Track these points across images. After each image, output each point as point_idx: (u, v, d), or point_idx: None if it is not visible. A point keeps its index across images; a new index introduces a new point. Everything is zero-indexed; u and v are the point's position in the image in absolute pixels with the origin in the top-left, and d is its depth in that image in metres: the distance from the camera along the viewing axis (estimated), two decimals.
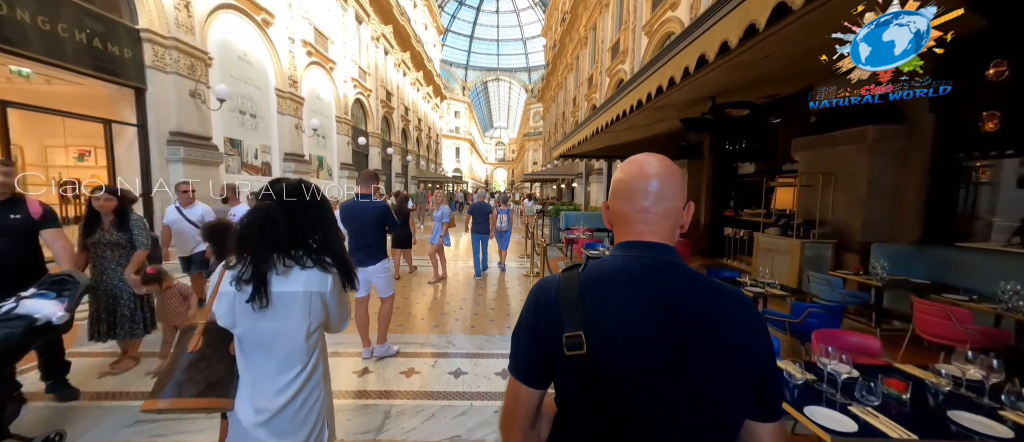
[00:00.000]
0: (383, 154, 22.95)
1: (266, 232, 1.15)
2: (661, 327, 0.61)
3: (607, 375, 0.60)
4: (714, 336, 0.61)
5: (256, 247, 1.15)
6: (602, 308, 0.64)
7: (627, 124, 5.64)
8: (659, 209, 0.70)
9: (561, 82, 29.69)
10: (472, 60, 63.18)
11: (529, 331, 0.70)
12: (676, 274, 0.66)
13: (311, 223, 1.23)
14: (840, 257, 4.81)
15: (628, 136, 8.36)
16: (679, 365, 0.60)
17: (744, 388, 0.62)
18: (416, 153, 30.99)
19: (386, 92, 23.17)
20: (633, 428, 0.60)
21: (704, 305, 0.63)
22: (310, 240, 1.24)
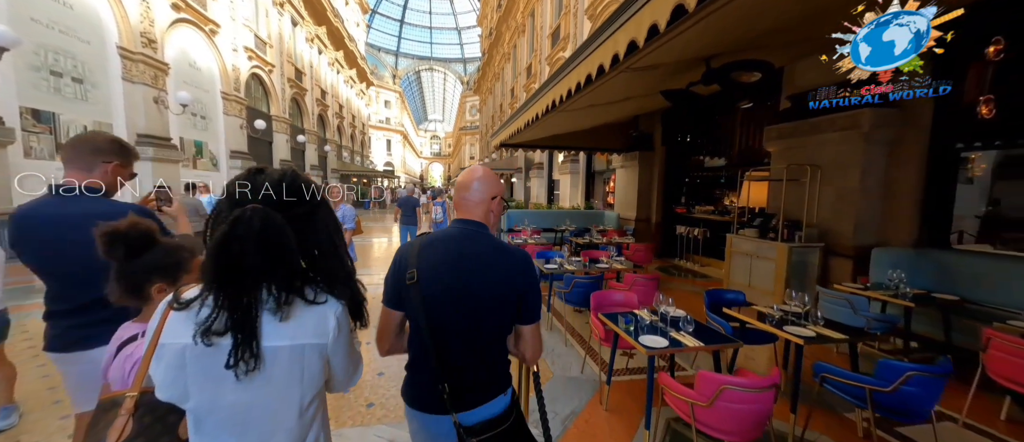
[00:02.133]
0: (293, 142, 19.59)
1: (267, 247, 0.70)
2: (455, 267, 1.06)
3: (427, 295, 1.03)
4: (488, 272, 1.07)
5: (253, 268, 0.70)
6: (427, 257, 1.07)
7: (586, 102, 4.46)
8: (475, 199, 1.15)
9: (498, 73, 28.40)
10: (403, 47, 59.12)
11: (392, 274, 1.11)
12: (476, 237, 1.11)
13: (322, 231, 0.81)
14: (827, 264, 4.13)
15: (578, 123, 7.28)
16: (466, 288, 1.04)
17: (508, 303, 1.08)
18: (337, 143, 27.47)
19: (295, 70, 19.78)
20: (446, 328, 1.04)
21: (485, 255, 1.08)
22: (322, 254, 0.81)
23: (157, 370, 0.73)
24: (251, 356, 0.70)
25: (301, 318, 0.76)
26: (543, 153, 17.31)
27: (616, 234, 6.95)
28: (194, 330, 0.69)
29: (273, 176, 0.78)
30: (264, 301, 0.74)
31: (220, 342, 0.70)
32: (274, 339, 0.74)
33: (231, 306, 0.69)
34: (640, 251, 5.55)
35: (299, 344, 0.76)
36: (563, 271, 3.85)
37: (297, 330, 0.76)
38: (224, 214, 0.72)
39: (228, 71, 13.74)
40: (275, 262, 0.72)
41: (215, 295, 0.70)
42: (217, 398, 0.72)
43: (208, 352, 0.70)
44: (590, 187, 12.98)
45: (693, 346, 2.00)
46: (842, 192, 4.07)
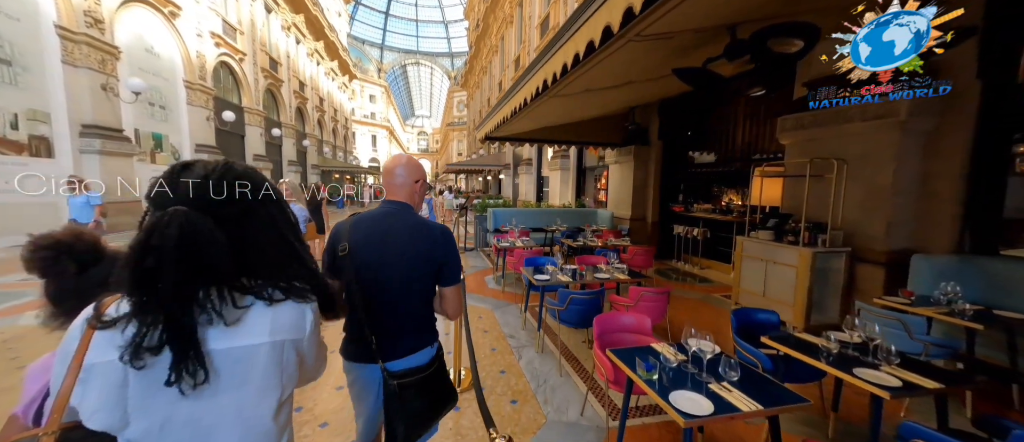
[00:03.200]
0: (268, 136, 18.53)
1: (188, 258, 0.62)
2: (383, 241, 1.24)
3: (358, 265, 1.20)
4: (411, 245, 1.25)
5: (172, 284, 0.61)
6: (358, 233, 1.24)
7: (582, 85, 3.86)
8: (399, 182, 1.32)
9: (485, 66, 27.63)
10: (388, 40, 57.58)
11: (328, 249, 1.28)
12: (401, 215, 1.29)
13: (267, 231, 0.73)
14: (853, 272, 3.65)
15: (569, 114, 6.69)
16: (393, 260, 1.23)
17: (429, 270, 1.27)
18: (317, 138, 26.34)
19: (270, 59, 18.69)
20: (375, 293, 1.20)
21: (409, 231, 1.26)
22: (271, 257, 0.73)
23: (87, 395, 0.61)
24: (195, 367, 0.61)
25: (281, 312, 0.71)
26: (532, 149, 16.72)
27: (612, 235, 6.41)
28: (121, 351, 0.59)
29: (197, 173, 0.68)
30: (212, 305, 0.65)
31: (156, 360, 0.60)
32: (249, 336, 0.67)
33: (167, 319, 0.60)
34: (639, 255, 5.01)
35: (277, 341, 0.70)
36: (556, 282, 3.26)
37: (277, 323, 0.70)
38: (144, 219, 0.65)
39: (192, 58, 12.71)
40: (197, 271, 0.63)
41: (140, 310, 0.60)
42: (175, 415, 0.62)
43: (151, 369, 0.60)
44: (581, 184, 12.45)
45: (750, 411, 1.40)
46: (872, 189, 3.58)
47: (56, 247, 0.85)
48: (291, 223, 0.77)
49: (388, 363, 1.20)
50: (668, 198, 7.83)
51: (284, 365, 0.71)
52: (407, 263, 1.23)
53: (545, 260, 4.12)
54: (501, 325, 3.90)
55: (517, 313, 4.26)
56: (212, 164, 0.71)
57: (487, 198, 15.22)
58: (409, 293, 1.25)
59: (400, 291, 1.23)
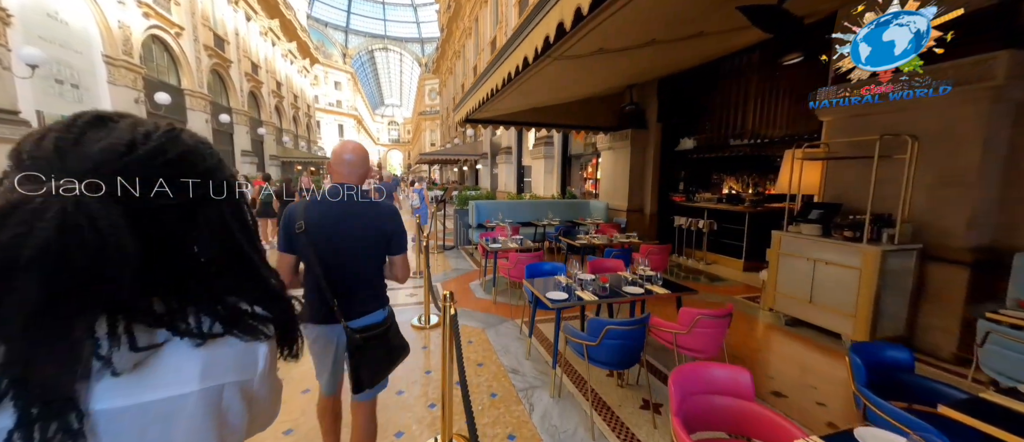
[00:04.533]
0: (215, 123, 16.55)
1: (63, 273, 0.35)
2: (338, 219, 1.41)
3: (315, 241, 1.36)
4: (362, 222, 1.44)
5: (29, 313, 0.34)
6: (313, 212, 1.40)
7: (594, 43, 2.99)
8: (351, 168, 1.48)
9: (458, 50, 26.21)
10: (353, 23, 54.30)
11: (284, 227, 1.41)
12: (354, 197, 1.46)
13: (215, 236, 0.48)
14: (923, 274, 3.03)
15: (561, 91, 5.84)
16: (346, 234, 1.42)
17: (379, 242, 1.48)
18: (276, 126, 24.16)
19: (215, 36, 16.60)
20: (332, 264, 1.38)
21: (360, 209, 1.45)
22: (213, 272, 0.49)
23: None
24: (68, 436, 0.35)
25: (217, 353, 0.45)
26: (512, 137, 15.79)
27: (617, 230, 5.65)
28: None
29: (119, 135, 0.41)
30: (100, 341, 0.39)
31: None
32: (167, 388, 0.42)
33: (17, 376, 0.35)
34: (654, 254, 4.26)
35: (209, 387, 0.44)
36: (576, 303, 2.41)
37: (210, 366, 0.44)
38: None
39: (112, 29, 10.79)
40: (81, 292, 0.36)
41: None
42: None
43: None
44: (566, 174, 11.68)
45: None
46: (949, 173, 2.95)
47: None
48: (248, 226, 0.53)
49: (350, 322, 1.42)
50: (668, 187, 7.16)
51: (224, 418, 0.46)
52: (361, 237, 1.45)
53: (551, 268, 3.26)
54: (498, 352, 3.02)
55: (515, 333, 3.40)
56: (146, 126, 0.44)
57: (466, 189, 14.18)
58: (365, 262, 1.49)
59: (357, 261, 1.46)
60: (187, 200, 0.45)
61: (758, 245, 5.63)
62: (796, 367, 2.90)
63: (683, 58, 5.11)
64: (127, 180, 0.40)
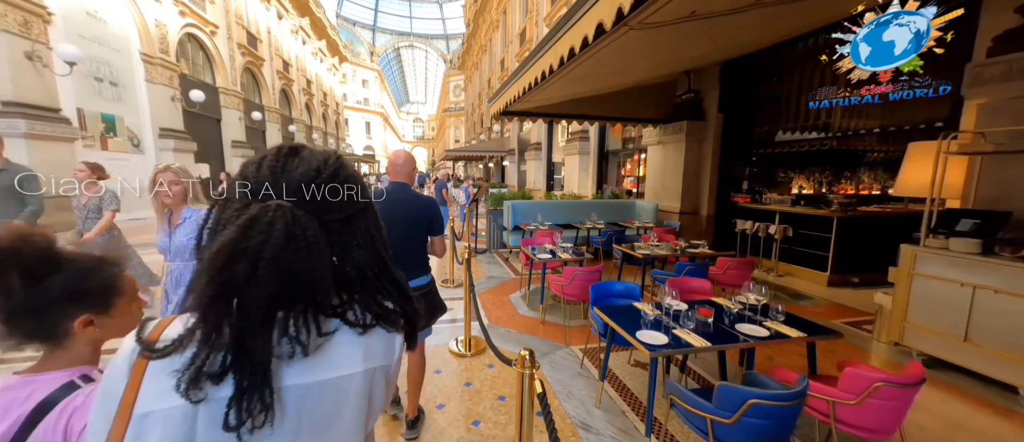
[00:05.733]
0: (248, 120, 16.79)
1: (291, 268, 0.47)
2: (390, 205, 1.94)
3: None
4: (409, 208, 1.97)
5: (266, 299, 0.46)
6: (377, 202, 1.33)
7: (669, 12, 2.33)
8: (401, 170, 2.02)
9: (485, 44, 25.69)
10: (381, 21, 54.87)
11: None
12: (404, 190, 1.99)
13: (366, 244, 0.57)
14: None
15: (606, 83, 5.18)
16: (399, 219, 1.93)
17: (422, 225, 2.01)
18: (306, 124, 24.52)
19: (248, 34, 16.80)
20: (389, 241, 0.83)
21: (406, 198, 1.98)
22: (367, 274, 0.58)
23: None
24: (261, 407, 0.45)
25: (373, 340, 0.56)
26: (541, 132, 15.11)
27: (674, 236, 4.93)
28: (177, 378, 0.44)
29: (309, 162, 0.54)
30: (287, 329, 0.49)
31: (216, 391, 0.45)
32: (339, 367, 0.53)
33: (236, 346, 0.45)
34: (733, 268, 3.54)
35: (370, 369, 0.56)
36: (685, 349, 1.77)
37: (370, 351, 0.56)
38: (231, 212, 0.49)
39: (149, 27, 10.91)
40: (298, 286, 0.48)
41: (205, 326, 0.45)
42: None
43: (210, 411, 0.45)
44: (602, 170, 10.92)
45: None
46: None
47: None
48: (384, 237, 0.61)
49: None
50: (728, 186, 6.33)
51: (374, 397, 0.58)
52: (409, 219, 1.96)
53: (623, 289, 2.63)
54: (559, 394, 2.44)
55: (574, 366, 2.80)
56: (322, 154, 0.57)
57: (499, 188, 13.64)
58: (412, 238, 1.99)
59: (406, 238, 1.96)
60: (350, 211, 0.56)
61: (849, 257, 4.77)
62: (941, 424, 2.17)
63: (756, 37, 4.32)
64: (317, 198, 0.52)
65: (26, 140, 7.38)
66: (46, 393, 0.68)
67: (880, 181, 6.71)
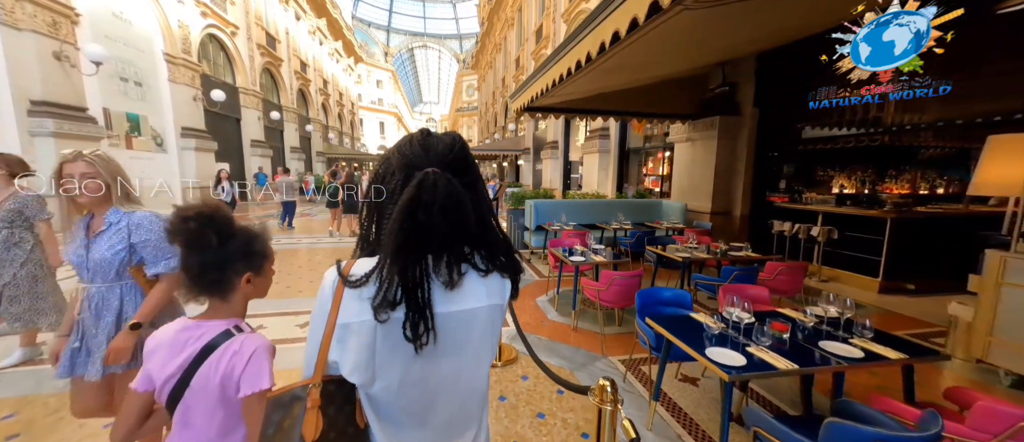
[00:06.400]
0: (266, 120, 16.99)
1: (452, 216, 0.63)
2: None
3: None
4: None
5: (439, 239, 0.64)
6: None
7: None
8: None
9: (499, 43, 25.52)
10: (395, 21, 55.24)
11: None
12: None
13: (480, 206, 0.71)
14: None
15: (640, 75, 4.90)
16: None
17: None
18: (322, 123, 24.78)
19: (267, 35, 16.99)
20: None
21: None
22: (484, 230, 0.72)
23: (346, 353, 0.65)
24: (426, 328, 0.62)
25: (492, 281, 0.71)
26: (558, 129, 14.84)
27: (708, 238, 4.63)
28: (371, 305, 0.61)
29: (444, 140, 0.70)
30: (435, 270, 0.65)
31: (394, 315, 0.62)
32: (468, 301, 0.68)
33: (403, 276, 0.62)
34: (784, 274, 3.25)
35: (492, 305, 0.70)
36: (769, 374, 1.52)
37: (491, 290, 0.70)
38: (393, 180, 0.67)
39: (173, 28, 11.07)
40: (457, 230, 0.65)
41: (388, 266, 0.62)
42: (408, 375, 0.66)
43: (392, 328, 0.62)
44: (622, 169, 10.60)
45: None
46: None
47: (200, 219, 0.86)
48: (489, 201, 0.74)
49: None
50: (763, 185, 5.98)
51: (493, 328, 0.72)
52: None
53: (673, 296, 2.39)
54: None
55: (615, 378, 2.57)
56: (448, 135, 0.71)
57: (520, 186, 13.43)
58: None
59: None
60: (472, 177, 0.69)
61: (904, 261, 4.40)
62: None
63: (799, 22, 4.01)
64: (455, 166, 0.66)
65: (54, 139, 7.50)
66: (211, 336, 0.84)
67: (929, 179, 6.26)
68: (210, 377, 0.82)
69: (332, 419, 0.66)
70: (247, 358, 0.82)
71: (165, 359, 0.84)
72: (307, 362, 0.68)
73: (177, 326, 0.87)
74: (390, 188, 0.67)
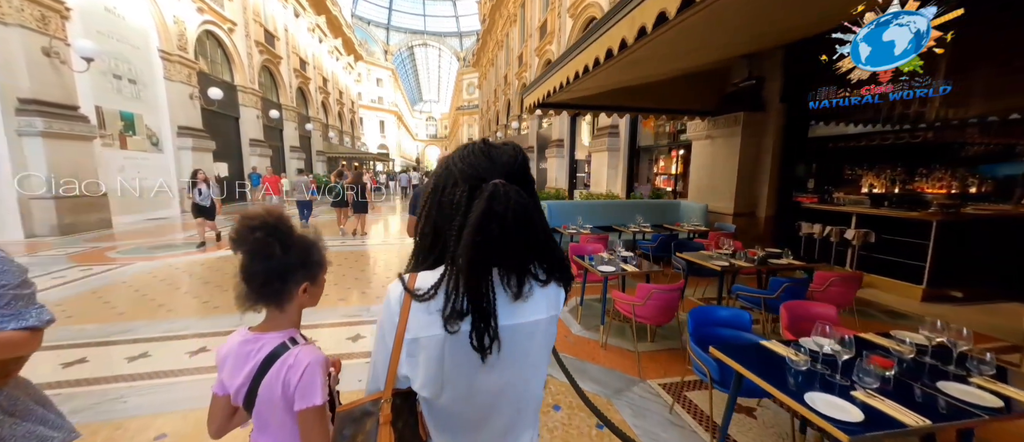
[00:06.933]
0: (265, 119, 16.67)
1: (523, 229, 0.64)
2: None
3: None
4: None
5: (512, 252, 0.65)
6: None
7: None
8: None
9: (501, 40, 25.15)
10: (395, 19, 54.82)
11: (413, 201, 3.08)
12: None
13: (539, 217, 0.71)
14: None
15: (665, 68, 4.59)
16: None
17: None
18: (322, 122, 24.44)
19: (266, 32, 16.66)
20: None
21: None
22: (543, 241, 0.73)
23: (416, 367, 0.66)
24: (491, 338, 0.63)
25: (549, 292, 0.71)
26: (563, 128, 14.52)
27: (739, 241, 4.32)
28: (440, 318, 0.62)
29: (507, 150, 0.69)
30: (502, 281, 0.66)
31: (462, 327, 0.62)
32: (530, 313, 0.68)
33: (473, 288, 0.61)
34: (836, 284, 2.94)
35: (550, 316, 0.71)
36: (897, 432, 1.21)
37: (549, 301, 0.71)
38: (457, 191, 0.66)
39: (168, 24, 10.73)
40: (528, 241, 0.65)
41: (457, 277, 0.62)
42: (471, 386, 0.66)
43: (459, 340, 0.63)
44: (632, 169, 10.28)
45: None
46: None
47: (266, 228, 0.87)
48: (542, 213, 0.73)
49: None
50: (792, 185, 5.67)
51: (549, 339, 0.73)
52: None
53: (731, 315, 2.08)
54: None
55: (660, 410, 2.27)
56: (509, 145, 0.70)
57: None
58: None
59: None
60: (532, 189, 0.69)
61: (951, 267, 4.09)
62: None
63: (835, 9, 3.70)
64: (518, 177, 0.66)
65: (43, 139, 7.19)
66: (270, 348, 0.86)
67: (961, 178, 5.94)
68: (273, 389, 0.83)
69: (400, 433, 0.67)
70: (300, 373, 0.83)
71: (232, 371, 0.87)
72: (374, 376, 0.69)
73: (239, 337, 0.89)
74: (454, 199, 0.65)
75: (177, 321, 3.46)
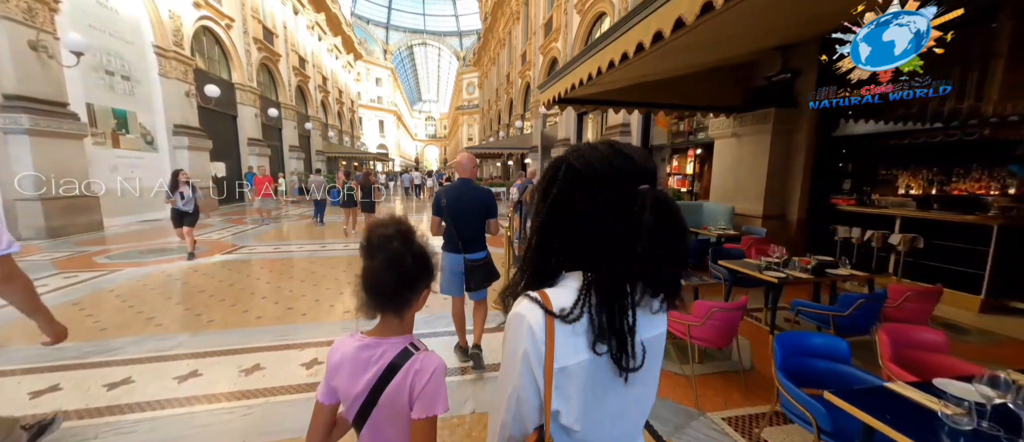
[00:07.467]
0: (264, 117, 16.28)
1: (682, 248, 0.60)
2: (457, 195, 2.62)
3: (449, 208, 2.59)
4: (474, 197, 2.65)
5: (664, 268, 0.60)
6: (450, 193, 2.63)
7: None
8: (467, 169, 2.72)
9: (503, 39, 24.79)
10: (394, 19, 54.43)
11: (436, 201, 2.64)
12: (469, 183, 2.68)
13: None
14: None
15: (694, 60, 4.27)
16: (465, 205, 2.62)
17: (481, 210, 2.66)
18: (321, 121, 24.05)
19: (264, 29, 16.28)
20: (458, 221, 2.59)
21: (473, 191, 2.67)
22: None
23: (567, 400, 0.59)
24: (631, 355, 0.59)
25: (657, 310, 0.66)
26: (569, 127, 14.18)
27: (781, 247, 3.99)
28: (585, 340, 0.58)
29: (639, 150, 0.65)
30: (652, 295, 0.62)
31: (603, 347, 0.59)
32: (657, 327, 0.66)
33: (617, 304, 0.58)
34: (912, 299, 2.60)
35: (666, 325, 0.69)
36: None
37: (663, 314, 0.67)
38: (598, 195, 0.59)
39: (163, 18, 10.35)
40: (684, 253, 0.61)
41: (601, 292, 0.58)
42: (605, 408, 0.62)
43: (600, 361, 0.59)
44: None
45: None
46: None
47: (400, 237, 0.87)
48: None
49: (467, 255, 2.60)
50: (823, 186, 5.33)
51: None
52: (473, 206, 2.59)
53: (824, 344, 1.73)
54: None
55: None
56: (639, 147, 0.69)
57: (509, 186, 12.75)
58: (474, 221, 2.61)
59: (470, 221, 2.59)
60: None
61: (1015, 275, 3.76)
62: None
63: None
64: (654, 178, 0.61)
65: (29, 137, 6.81)
66: (393, 355, 0.85)
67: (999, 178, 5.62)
68: (400, 395, 0.82)
69: None
70: (427, 377, 0.82)
71: (350, 377, 0.85)
72: (518, 417, 0.60)
73: (356, 343, 0.87)
74: (596, 204, 0.59)
75: (166, 338, 3.10)
